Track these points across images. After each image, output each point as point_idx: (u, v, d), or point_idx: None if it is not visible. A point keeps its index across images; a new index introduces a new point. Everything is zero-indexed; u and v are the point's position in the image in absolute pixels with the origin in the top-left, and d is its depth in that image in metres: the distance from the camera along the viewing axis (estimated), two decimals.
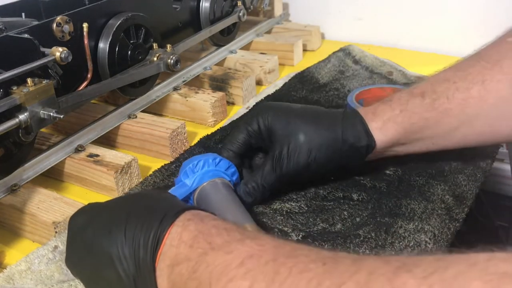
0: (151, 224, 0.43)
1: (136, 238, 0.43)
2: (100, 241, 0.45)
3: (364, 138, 0.60)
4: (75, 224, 0.49)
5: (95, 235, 0.46)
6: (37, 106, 0.63)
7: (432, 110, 0.60)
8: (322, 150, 0.60)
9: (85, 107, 0.81)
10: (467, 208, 0.62)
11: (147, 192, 0.55)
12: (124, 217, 0.45)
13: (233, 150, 0.64)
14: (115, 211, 0.47)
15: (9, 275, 0.55)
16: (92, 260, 0.45)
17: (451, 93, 0.60)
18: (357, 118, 0.61)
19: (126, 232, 0.44)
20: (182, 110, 0.87)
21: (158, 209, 0.45)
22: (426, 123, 0.60)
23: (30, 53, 0.63)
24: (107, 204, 0.50)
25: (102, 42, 0.76)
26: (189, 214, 0.45)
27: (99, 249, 0.45)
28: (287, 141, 0.60)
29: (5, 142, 0.62)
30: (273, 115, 0.63)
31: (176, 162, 0.73)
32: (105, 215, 0.47)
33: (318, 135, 0.61)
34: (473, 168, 0.68)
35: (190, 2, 0.96)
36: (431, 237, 0.57)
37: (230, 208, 0.56)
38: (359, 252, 0.55)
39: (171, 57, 0.82)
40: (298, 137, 0.60)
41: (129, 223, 0.44)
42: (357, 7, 1.19)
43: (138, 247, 0.43)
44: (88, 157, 0.71)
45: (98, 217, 0.47)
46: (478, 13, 1.06)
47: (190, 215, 0.45)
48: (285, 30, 1.18)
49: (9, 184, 0.65)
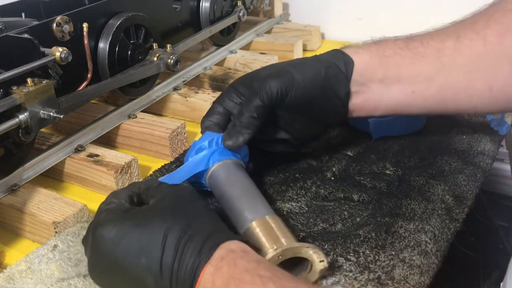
0: (187, 258, 0.44)
1: (172, 272, 0.43)
2: (134, 265, 0.44)
3: (340, 57, 0.62)
4: (104, 236, 0.47)
5: (128, 256, 0.45)
6: (37, 106, 0.63)
7: (407, 50, 0.61)
8: (304, 71, 0.61)
9: (85, 107, 0.81)
10: (467, 208, 0.63)
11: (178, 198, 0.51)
12: (160, 243, 0.44)
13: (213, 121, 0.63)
14: (150, 230, 0.46)
15: (9, 275, 0.55)
16: (123, 281, 0.45)
17: (425, 41, 0.61)
18: (332, 50, 0.63)
19: (162, 264, 0.44)
20: (182, 110, 0.87)
21: (195, 239, 0.45)
22: (402, 61, 0.61)
23: (30, 53, 0.63)
24: (139, 216, 0.48)
25: (102, 42, 0.76)
26: (224, 251, 0.44)
27: (132, 273, 0.44)
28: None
29: (5, 142, 0.62)
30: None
31: (176, 162, 0.73)
32: (138, 234, 0.46)
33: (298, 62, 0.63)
34: (473, 168, 0.68)
35: (190, 2, 0.96)
36: (431, 237, 0.57)
37: (246, 197, 0.55)
38: (359, 252, 0.55)
39: (171, 57, 0.82)
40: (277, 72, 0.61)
41: (165, 254, 0.44)
42: (357, 7, 1.19)
43: (176, 282, 0.43)
44: (88, 157, 0.71)
45: (131, 235, 0.46)
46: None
47: (225, 252, 0.44)
48: (285, 30, 1.18)
49: (9, 184, 0.65)
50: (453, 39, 0.60)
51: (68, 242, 0.58)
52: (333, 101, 0.62)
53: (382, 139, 0.75)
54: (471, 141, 0.74)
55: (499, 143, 0.76)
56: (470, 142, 0.74)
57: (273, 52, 1.07)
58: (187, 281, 0.43)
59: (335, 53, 0.63)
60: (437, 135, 0.75)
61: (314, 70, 0.61)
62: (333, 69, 0.61)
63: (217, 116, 0.63)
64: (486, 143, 0.74)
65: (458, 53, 0.60)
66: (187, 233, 0.45)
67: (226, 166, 0.58)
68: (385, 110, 0.64)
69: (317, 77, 0.61)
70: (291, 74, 0.60)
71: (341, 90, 0.62)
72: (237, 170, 0.58)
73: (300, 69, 0.61)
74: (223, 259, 0.43)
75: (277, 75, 0.60)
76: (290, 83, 0.60)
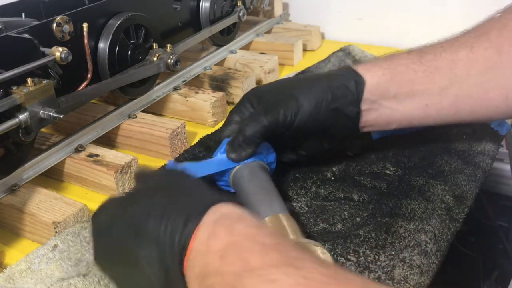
0: (175, 226, 0.41)
1: (162, 242, 0.41)
2: (127, 243, 0.43)
3: (351, 76, 0.61)
4: (98, 223, 0.47)
5: (120, 236, 0.44)
6: (37, 106, 0.63)
7: (419, 64, 0.61)
8: (310, 95, 0.61)
9: (85, 107, 0.81)
10: (467, 208, 0.63)
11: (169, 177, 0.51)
12: (146, 217, 0.43)
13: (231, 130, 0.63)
14: (138, 208, 0.45)
15: (9, 275, 0.55)
16: (120, 262, 0.44)
17: (438, 53, 0.61)
18: (343, 66, 0.63)
19: (151, 235, 0.42)
20: (182, 110, 0.87)
21: (181, 207, 0.42)
22: (414, 76, 0.60)
23: (30, 53, 0.63)
24: (128, 198, 0.48)
25: (102, 42, 0.76)
26: (216, 213, 0.41)
27: (126, 251, 0.43)
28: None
29: (5, 142, 0.62)
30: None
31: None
32: (128, 213, 0.45)
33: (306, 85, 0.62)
34: (473, 168, 0.68)
35: (190, 2, 0.96)
36: (431, 237, 0.57)
37: (263, 194, 0.56)
38: (359, 252, 0.55)
39: (171, 57, 0.82)
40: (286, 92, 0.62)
41: (153, 225, 0.42)
42: (357, 7, 1.19)
43: (164, 252, 0.41)
44: (88, 157, 0.71)
45: (122, 215, 0.45)
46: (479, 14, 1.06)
47: (218, 215, 0.41)
48: (285, 30, 1.18)
49: (9, 184, 0.65)
50: (467, 50, 0.59)
51: (68, 242, 0.58)
52: (343, 121, 0.62)
53: (382, 139, 0.74)
54: (471, 141, 0.74)
55: (499, 143, 0.76)
56: (470, 142, 0.74)
57: (273, 52, 1.07)
58: (176, 251, 0.41)
59: (346, 73, 0.62)
60: (437, 135, 0.75)
61: (320, 94, 0.61)
62: (342, 90, 0.61)
63: (234, 125, 0.64)
64: (486, 143, 0.74)
65: (472, 64, 0.59)
66: (175, 202, 0.43)
67: (251, 166, 0.60)
68: (399, 124, 0.64)
69: (324, 100, 0.61)
70: (296, 101, 0.60)
71: (350, 110, 0.62)
72: (260, 171, 0.60)
73: (307, 93, 0.61)
74: (216, 223, 0.40)
75: (283, 102, 0.61)
76: (295, 110, 0.60)
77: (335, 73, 0.64)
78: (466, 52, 0.59)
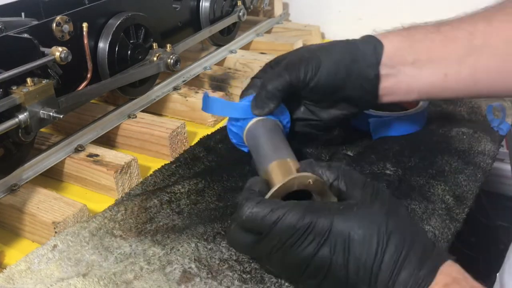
0: (403, 276, 0.42)
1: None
2: (340, 264, 0.43)
3: (370, 40, 0.62)
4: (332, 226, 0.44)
5: (337, 257, 0.44)
6: (37, 106, 0.63)
7: (437, 33, 0.61)
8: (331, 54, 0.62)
9: (85, 107, 0.81)
10: (467, 208, 0.62)
11: (395, 208, 0.48)
12: (374, 252, 0.43)
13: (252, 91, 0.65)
14: (367, 230, 0.44)
15: (9, 275, 0.55)
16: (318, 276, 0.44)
17: (456, 24, 0.61)
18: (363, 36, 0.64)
19: (373, 275, 0.43)
20: (182, 110, 0.87)
21: (412, 256, 0.43)
22: (432, 44, 0.61)
23: (30, 53, 0.63)
24: (359, 212, 0.45)
25: (102, 42, 0.76)
26: (448, 278, 0.42)
27: (334, 272, 0.44)
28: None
29: (5, 142, 0.62)
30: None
31: (176, 162, 0.73)
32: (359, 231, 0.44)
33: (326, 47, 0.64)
34: (473, 168, 0.68)
35: (190, 2, 0.96)
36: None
37: (275, 144, 0.58)
38: None
39: (171, 57, 0.82)
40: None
41: (382, 267, 0.43)
42: (357, 7, 1.19)
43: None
44: (88, 157, 0.71)
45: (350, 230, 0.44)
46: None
47: (450, 279, 0.42)
48: (285, 30, 1.18)
49: (9, 184, 0.65)
50: (485, 22, 0.60)
51: (67, 242, 0.58)
52: (361, 84, 0.62)
53: (382, 139, 0.74)
54: (471, 141, 0.74)
55: (499, 143, 0.76)
56: (470, 142, 0.74)
57: (273, 52, 1.06)
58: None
59: (365, 37, 0.63)
60: (437, 135, 0.75)
61: (341, 54, 0.62)
62: (362, 52, 0.62)
63: (256, 87, 0.65)
64: (486, 143, 0.73)
65: (490, 35, 0.59)
66: (404, 247, 0.43)
67: (267, 122, 0.62)
68: (419, 93, 0.64)
69: (344, 61, 0.61)
70: (318, 58, 0.62)
71: (369, 73, 0.62)
72: (275, 127, 0.62)
73: (327, 53, 0.62)
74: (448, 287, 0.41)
75: (306, 59, 0.62)
76: (317, 67, 0.61)
77: (354, 40, 0.64)
78: (484, 24, 0.60)
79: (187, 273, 0.53)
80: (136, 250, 0.57)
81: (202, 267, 0.54)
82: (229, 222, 0.60)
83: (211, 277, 0.53)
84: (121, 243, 0.58)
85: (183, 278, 0.53)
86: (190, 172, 0.71)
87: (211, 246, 0.57)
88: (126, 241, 0.58)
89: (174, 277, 0.53)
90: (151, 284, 0.52)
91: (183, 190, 0.66)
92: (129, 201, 0.64)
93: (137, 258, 0.56)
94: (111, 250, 0.57)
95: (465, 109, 0.83)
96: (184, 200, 0.65)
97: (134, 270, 0.54)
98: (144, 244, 0.58)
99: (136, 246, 0.57)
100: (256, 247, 0.47)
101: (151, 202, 0.64)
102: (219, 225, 0.60)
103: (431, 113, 0.79)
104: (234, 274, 0.53)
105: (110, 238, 0.59)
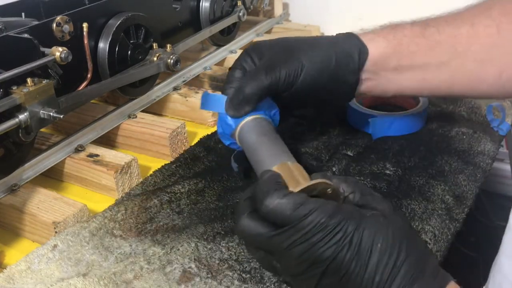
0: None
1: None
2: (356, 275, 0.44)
3: (355, 44, 0.61)
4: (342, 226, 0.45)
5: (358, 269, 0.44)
6: (37, 106, 0.63)
7: (423, 37, 0.61)
8: (314, 58, 0.60)
9: (85, 107, 0.81)
10: (467, 208, 0.63)
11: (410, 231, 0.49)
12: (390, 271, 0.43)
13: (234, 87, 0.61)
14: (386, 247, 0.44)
15: (9, 275, 0.55)
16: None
17: (441, 27, 0.61)
18: (348, 33, 0.63)
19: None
20: (182, 110, 0.87)
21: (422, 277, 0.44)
22: (416, 49, 0.61)
23: (30, 53, 0.63)
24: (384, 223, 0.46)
25: (102, 42, 0.76)
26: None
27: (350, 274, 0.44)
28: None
29: (5, 142, 0.62)
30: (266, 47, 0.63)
31: (176, 162, 0.73)
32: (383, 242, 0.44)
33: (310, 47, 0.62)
34: (473, 168, 0.68)
35: (190, 2, 0.96)
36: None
37: (270, 146, 0.56)
38: None
39: (171, 57, 0.82)
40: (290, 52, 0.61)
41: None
42: (357, 7, 1.19)
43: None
44: (88, 157, 0.71)
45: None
46: None
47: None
48: (285, 30, 1.18)
49: (9, 184, 0.65)
50: (468, 26, 0.60)
51: (68, 242, 0.58)
52: (341, 86, 0.62)
53: (382, 139, 0.75)
54: (471, 141, 0.74)
55: (499, 143, 0.76)
56: (470, 142, 0.74)
57: None
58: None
59: (351, 40, 0.62)
60: (437, 135, 0.75)
61: (324, 58, 0.61)
62: (346, 58, 0.61)
63: (237, 82, 0.62)
64: (486, 143, 0.74)
65: (472, 40, 0.59)
66: (416, 269, 0.44)
67: (256, 121, 0.60)
68: (393, 93, 0.65)
69: (327, 66, 0.61)
70: (299, 62, 0.60)
71: (350, 78, 0.62)
72: (266, 125, 0.60)
73: (310, 57, 0.60)
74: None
75: (285, 62, 0.60)
76: (298, 72, 0.60)
77: (341, 39, 0.63)
78: (467, 28, 0.60)
79: (187, 272, 0.54)
80: (136, 250, 0.57)
81: (202, 266, 0.54)
82: (230, 221, 0.60)
83: (211, 277, 0.53)
84: (121, 243, 0.58)
85: (183, 278, 0.53)
86: (190, 172, 0.71)
87: (211, 246, 0.57)
88: (126, 241, 0.58)
89: (174, 277, 0.53)
90: (151, 284, 0.52)
91: (183, 190, 0.66)
92: (129, 201, 0.64)
93: (137, 258, 0.56)
94: (111, 250, 0.57)
95: (465, 109, 0.83)
96: (184, 200, 0.65)
97: (134, 270, 0.54)
98: (144, 244, 0.58)
99: (136, 246, 0.57)
100: (274, 239, 0.45)
101: (151, 202, 0.64)
102: (219, 225, 0.60)
103: (431, 113, 0.79)
104: (234, 274, 0.53)
105: (110, 238, 0.59)
